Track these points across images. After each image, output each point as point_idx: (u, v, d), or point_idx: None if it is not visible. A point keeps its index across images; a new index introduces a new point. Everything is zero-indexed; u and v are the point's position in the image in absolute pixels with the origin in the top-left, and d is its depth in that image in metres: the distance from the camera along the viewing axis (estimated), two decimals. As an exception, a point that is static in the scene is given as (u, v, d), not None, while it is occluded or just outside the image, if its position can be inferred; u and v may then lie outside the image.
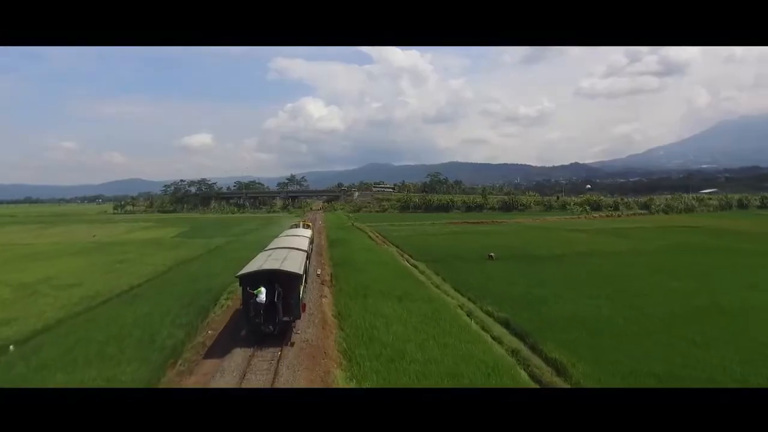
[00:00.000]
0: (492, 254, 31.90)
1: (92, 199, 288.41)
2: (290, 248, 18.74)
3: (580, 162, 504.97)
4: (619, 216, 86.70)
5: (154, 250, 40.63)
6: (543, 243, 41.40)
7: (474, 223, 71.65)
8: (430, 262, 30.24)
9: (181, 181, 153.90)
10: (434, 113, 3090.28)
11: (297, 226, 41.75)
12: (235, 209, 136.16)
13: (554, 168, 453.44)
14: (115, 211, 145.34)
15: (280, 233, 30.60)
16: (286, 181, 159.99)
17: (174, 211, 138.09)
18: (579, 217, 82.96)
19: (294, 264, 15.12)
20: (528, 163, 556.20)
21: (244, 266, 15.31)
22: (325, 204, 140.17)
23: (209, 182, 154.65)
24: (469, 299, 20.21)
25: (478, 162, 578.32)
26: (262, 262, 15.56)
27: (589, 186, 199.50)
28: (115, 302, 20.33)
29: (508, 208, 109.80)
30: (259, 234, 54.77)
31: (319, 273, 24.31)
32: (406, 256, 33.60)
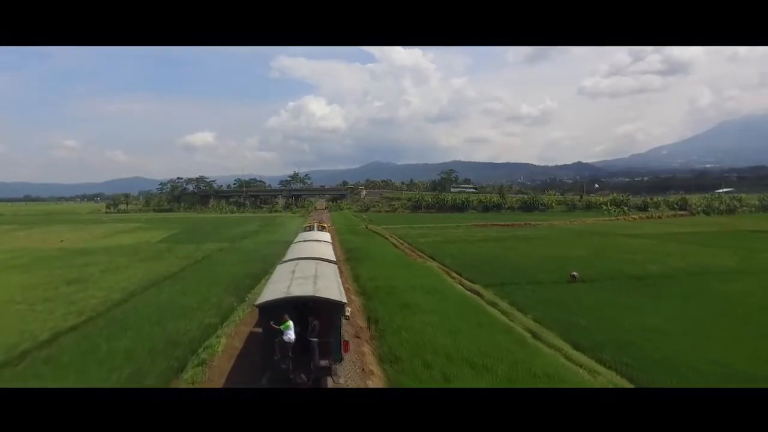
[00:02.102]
0: (575, 273, 23.34)
1: (92, 197, 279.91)
2: (318, 259, 14.66)
3: (583, 161, 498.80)
4: (659, 217, 77.66)
5: (126, 262, 32.07)
6: (616, 254, 32.76)
7: (503, 225, 62.79)
8: (496, 286, 21.61)
9: (179, 178, 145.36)
10: (437, 112, 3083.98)
11: (311, 228, 33.05)
12: (234, 208, 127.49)
13: (557, 167, 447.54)
14: (108, 210, 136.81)
15: (295, 239, 23.84)
16: (289, 179, 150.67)
17: (170, 210, 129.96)
18: (617, 218, 73.88)
19: (331, 286, 11.42)
20: (531, 162, 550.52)
21: (262, 292, 11.66)
22: (330, 203, 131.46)
23: (208, 180, 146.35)
24: (618, 373, 11.61)
25: (481, 161, 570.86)
26: (287, 283, 11.40)
27: (597, 185, 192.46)
28: (6, 375, 11.81)
29: (528, 208, 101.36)
30: (258, 239, 46.42)
31: (348, 313, 15.70)
32: (456, 275, 24.88)
